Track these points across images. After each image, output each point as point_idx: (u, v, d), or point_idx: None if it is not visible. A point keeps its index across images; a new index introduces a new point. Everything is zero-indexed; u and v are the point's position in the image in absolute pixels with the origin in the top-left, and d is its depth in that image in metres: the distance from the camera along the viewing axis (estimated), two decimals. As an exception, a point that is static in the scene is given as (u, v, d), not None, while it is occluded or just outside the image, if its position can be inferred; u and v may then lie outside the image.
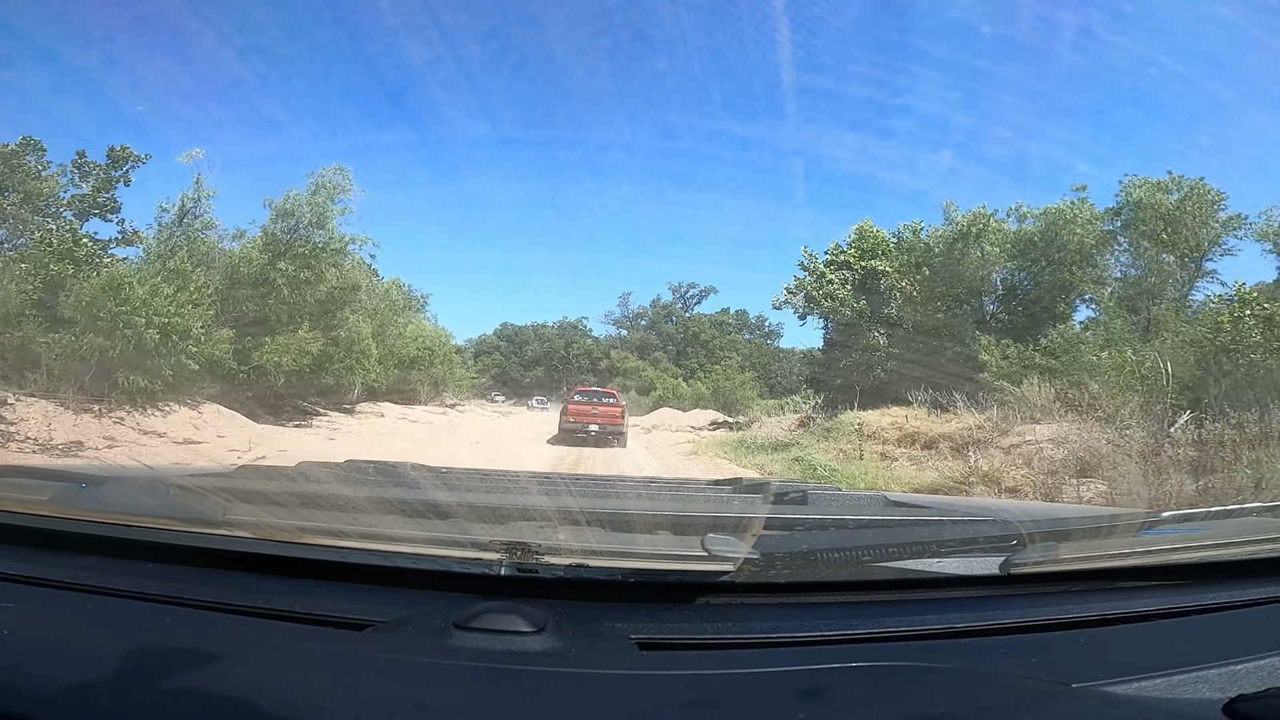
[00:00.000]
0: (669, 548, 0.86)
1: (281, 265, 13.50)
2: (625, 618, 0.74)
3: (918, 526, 1.06)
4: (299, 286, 13.80)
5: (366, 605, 0.75)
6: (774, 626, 0.75)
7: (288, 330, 13.84)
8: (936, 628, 0.76)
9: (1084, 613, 0.80)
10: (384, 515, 0.97)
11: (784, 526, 0.99)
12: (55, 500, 0.93)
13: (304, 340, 13.63)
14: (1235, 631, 0.80)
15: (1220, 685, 0.65)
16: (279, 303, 13.71)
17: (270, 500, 0.98)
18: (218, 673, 0.63)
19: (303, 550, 0.81)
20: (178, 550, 0.83)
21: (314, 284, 14.17)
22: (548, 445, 13.49)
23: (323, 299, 15.03)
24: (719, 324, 54.43)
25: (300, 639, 0.70)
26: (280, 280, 13.42)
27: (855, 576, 0.82)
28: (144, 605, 0.76)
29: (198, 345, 10.82)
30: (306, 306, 14.39)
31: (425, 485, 1.27)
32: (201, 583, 0.79)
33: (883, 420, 11.80)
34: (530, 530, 0.86)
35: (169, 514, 0.89)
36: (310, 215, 14.19)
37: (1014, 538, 0.88)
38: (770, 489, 1.27)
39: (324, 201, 14.34)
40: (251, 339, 13.59)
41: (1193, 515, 1.22)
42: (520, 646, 0.66)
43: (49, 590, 0.79)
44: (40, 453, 7.64)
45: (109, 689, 0.60)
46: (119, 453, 8.18)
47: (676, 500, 1.33)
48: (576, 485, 1.50)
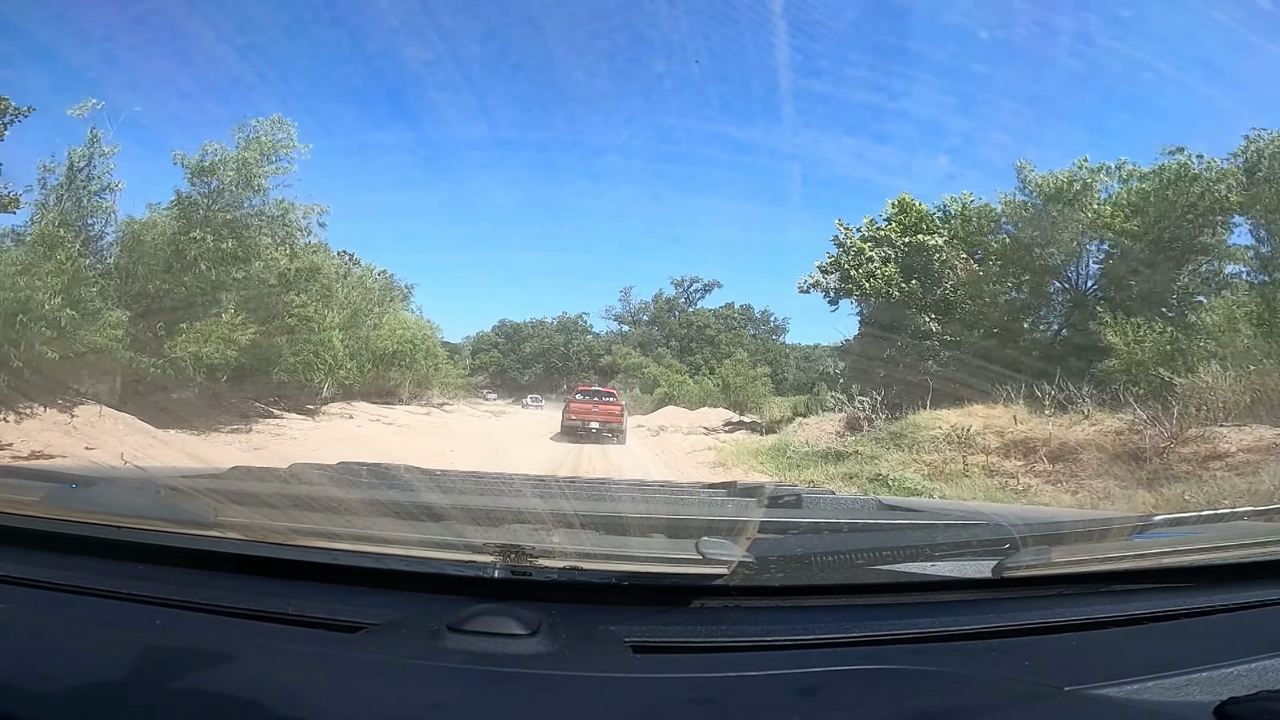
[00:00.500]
0: (663, 551, 0.88)
1: (196, 235, 10.67)
2: (619, 621, 0.74)
3: (911, 530, 1.06)
4: (222, 262, 10.99)
5: (359, 607, 0.74)
6: (768, 629, 0.74)
7: (211, 316, 11.05)
8: (930, 631, 0.76)
9: (1077, 616, 0.80)
10: (377, 517, 0.97)
11: (778, 530, 0.97)
12: (45, 501, 0.94)
13: (228, 328, 10.80)
14: (1226, 634, 0.81)
15: (1211, 688, 0.65)
16: (197, 282, 10.94)
17: (262, 502, 0.99)
18: (208, 674, 0.63)
19: (295, 552, 0.81)
20: (169, 551, 0.82)
21: (244, 260, 11.37)
22: (539, 453, 11.59)
23: (260, 280, 12.29)
24: (724, 318, 52.27)
25: (292, 641, 0.69)
26: (195, 254, 10.62)
27: (849, 580, 0.83)
28: (134, 607, 0.75)
29: (57, 330, 8.06)
30: (236, 287, 11.60)
31: (419, 487, 1.28)
32: (193, 584, 0.78)
33: (970, 422, 9.02)
34: (524, 533, 0.87)
35: (160, 515, 0.89)
36: (237, 175, 11.35)
37: (1007, 541, 0.88)
38: (765, 492, 1.29)
39: (255, 159, 11.50)
40: (165, 326, 10.88)
41: (1184, 519, 1.24)
42: (514, 649, 0.66)
43: (38, 591, 0.78)
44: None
45: (98, 690, 0.60)
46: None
47: (671, 503, 1.31)
48: (571, 488, 1.52)
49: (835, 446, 10.58)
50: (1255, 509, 1.39)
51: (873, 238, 16.29)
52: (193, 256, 10.64)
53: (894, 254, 15.85)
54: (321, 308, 15.07)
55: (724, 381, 34.21)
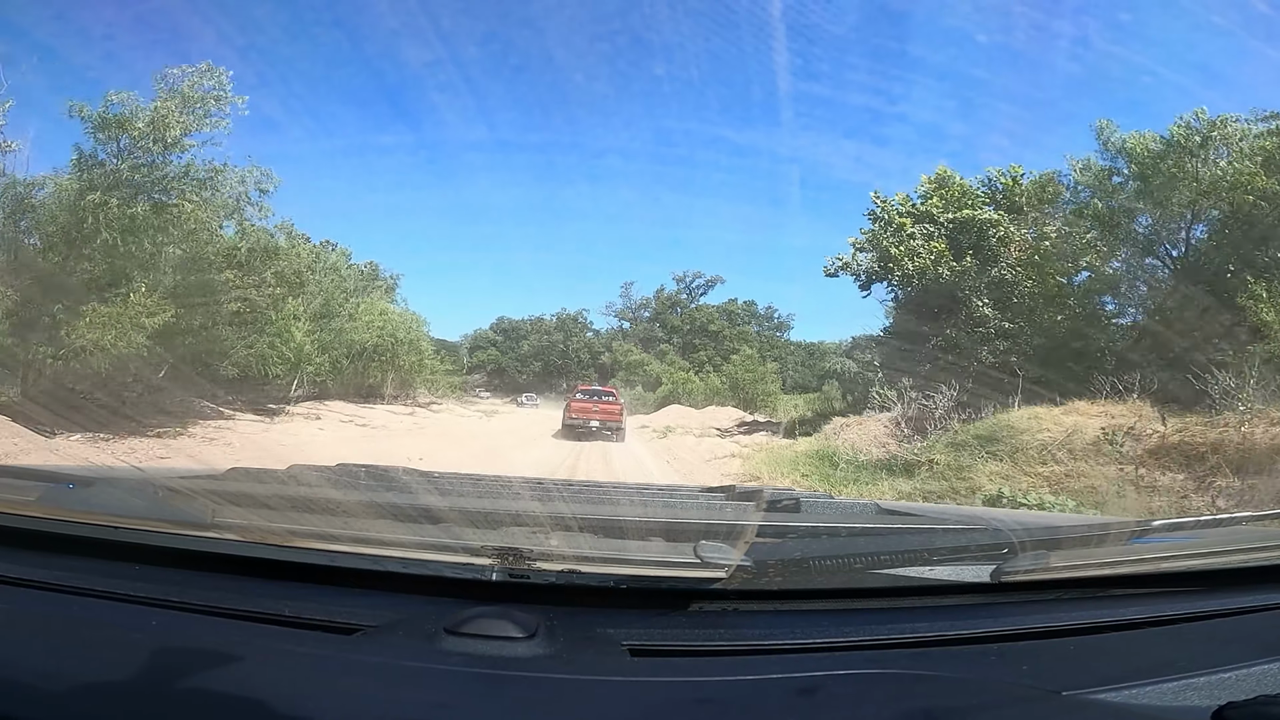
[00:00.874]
0: (661, 554, 0.85)
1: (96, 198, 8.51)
2: (617, 624, 0.73)
3: (910, 534, 1.06)
4: (134, 233, 8.88)
5: (356, 609, 0.74)
6: (766, 633, 0.75)
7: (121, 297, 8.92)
8: (928, 635, 0.75)
9: (1075, 620, 0.80)
10: (375, 519, 0.96)
11: (777, 534, 0.96)
12: (42, 500, 0.93)
13: (138, 309, 8.65)
14: (1224, 640, 0.80)
15: (1209, 693, 0.65)
16: (106, 256, 8.84)
17: (260, 503, 0.98)
18: (204, 675, 0.62)
19: (292, 554, 0.80)
20: (166, 552, 0.81)
21: (163, 230, 9.26)
22: (532, 456, 10.42)
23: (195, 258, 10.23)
24: (728, 314, 51.05)
25: (288, 642, 0.69)
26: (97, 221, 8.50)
27: (847, 584, 0.82)
28: (130, 607, 0.74)
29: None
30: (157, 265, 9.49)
31: (417, 489, 1.28)
32: (189, 585, 0.77)
33: (1085, 422, 6.93)
34: (522, 535, 0.86)
35: (157, 516, 0.88)
36: (153, 130, 9.22)
37: (1005, 546, 0.86)
38: (763, 496, 1.28)
39: (175, 111, 9.37)
40: (66, 309, 8.80)
41: (1183, 524, 1.22)
42: (511, 652, 0.66)
43: (34, 591, 0.77)
44: None
45: (94, 691, 0.60)
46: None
47: (669, 507, 1.30)
48: (569, 491, 1.50)
49: (896, 453, 8.49)
50: (1253, 514, 1.34)
51: (910, 213, 14.24)
52: (94, 225, 8.53)
53: (937, 230, 13.81)
54: (279, 293, 13.01)
55: (733, 379, 32.54)
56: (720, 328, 48.57)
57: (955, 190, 14.26)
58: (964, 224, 13.46)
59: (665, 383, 35.00)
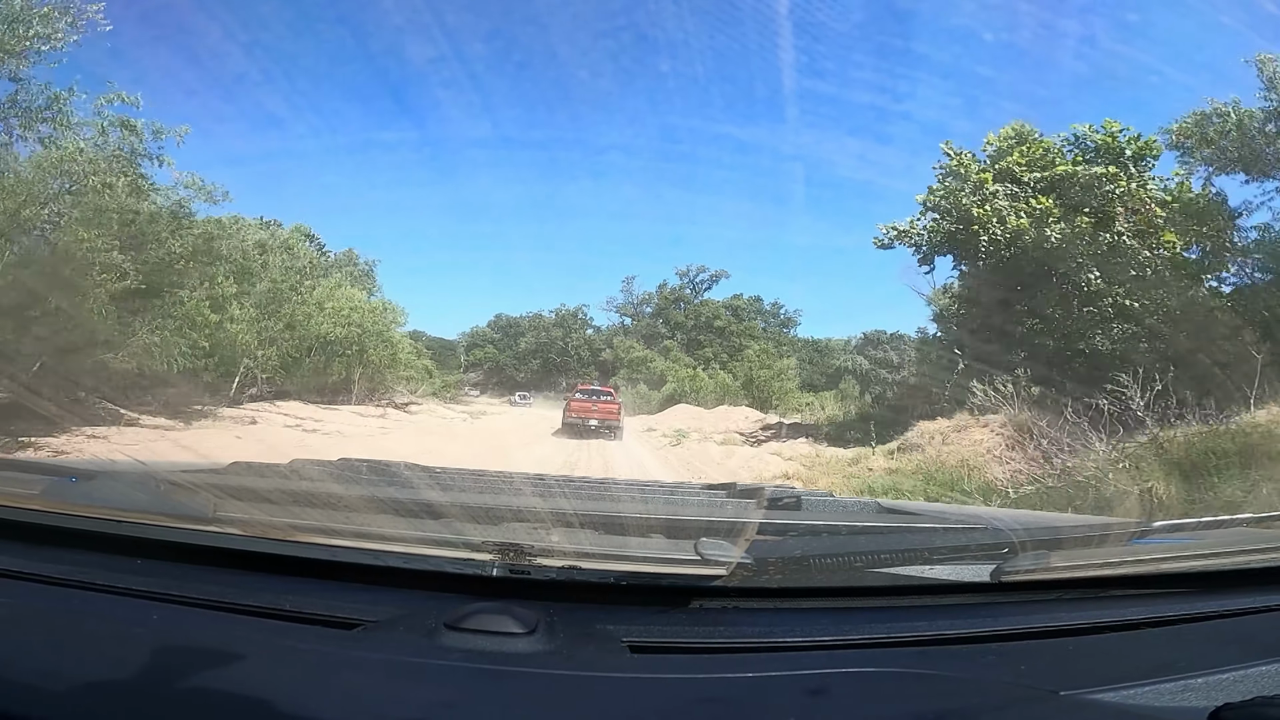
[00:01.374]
0: (662, 551, 0.86)
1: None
2: (617, 620, 0.74)
3: (910, 533, 1.06)
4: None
5: (357, 604, 0.74)
6: (766, 631, 0.75)
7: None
8: (928, 634, 0.75)
9: (1074, 620, 0.80)
10: (376, 514, 0.95)
11: (777, 532, 0.97)
12: (45, 494, 0.93)
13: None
14: (1223, 641, 0.80)
15: (1206, 694, 0.65)
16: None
17: (262, 498, 0.97)
18: (205, 670, 0.62)
19: (293, 548, 0.80)
20: (168, 546, 0.81)
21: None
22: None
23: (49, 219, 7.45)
24: (734, 309, 48.90)
25: (289, 637, 0.69)
26: None
27: (847, 582, 0.82)
28: (132, 601, 0.74)
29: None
30: None
31: (419, 485, 1.26)
32: (190, 579, 0.78)
33: None
34: (523, 531, 0.85)
35: (159, 510, 0.88)
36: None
37: (1006, 545, 0.87)
38: (764, 494, 1.27)
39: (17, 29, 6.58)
40: None
41: (1183, 525, 1.23)
42: (511, 647, 0.66)
43: (36, 585, 0.77)
44: None
45: (95, 685, 0.59)
46: None
47: (670, 504, 1.29)
48: (570, 487, 1.50)
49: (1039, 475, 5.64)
50: (1253, 516, 1.31)
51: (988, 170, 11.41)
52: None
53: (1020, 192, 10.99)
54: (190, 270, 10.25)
55: (747, 375, 29.83)
56: (726, 323, 46.36)
57: (1037, 148, 11.47)
58: (1063, 180, 10.63)
59: (670, 380, 32.27)
